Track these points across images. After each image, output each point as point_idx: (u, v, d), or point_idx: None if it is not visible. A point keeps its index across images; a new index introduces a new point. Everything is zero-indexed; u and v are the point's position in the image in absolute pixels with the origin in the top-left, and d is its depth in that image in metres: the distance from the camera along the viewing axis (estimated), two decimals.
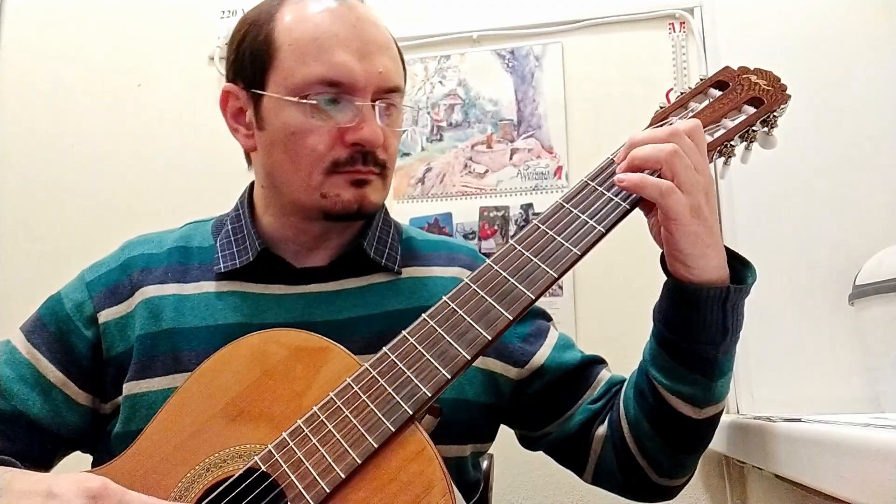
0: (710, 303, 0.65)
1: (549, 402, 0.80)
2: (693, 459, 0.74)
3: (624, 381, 0.78)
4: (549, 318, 0.87)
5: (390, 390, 0.58)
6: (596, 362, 0.82)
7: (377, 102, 0.75)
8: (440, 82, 1.52)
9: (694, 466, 0.75)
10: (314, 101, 0.73)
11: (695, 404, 0.68)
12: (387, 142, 0.76)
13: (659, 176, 0.63)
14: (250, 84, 0.77)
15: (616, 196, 0.64)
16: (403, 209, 1.48)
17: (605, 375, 0.81)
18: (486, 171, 1.47)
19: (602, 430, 0.77)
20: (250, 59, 0.76)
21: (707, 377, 0.67)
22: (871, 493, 0.49)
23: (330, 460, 0.56)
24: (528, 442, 0.85)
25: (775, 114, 0.69)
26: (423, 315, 0.62)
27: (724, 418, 0.83)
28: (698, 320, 0.65)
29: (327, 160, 0.73)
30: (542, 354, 0.80)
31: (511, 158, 1.47)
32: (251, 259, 0.78)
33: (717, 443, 0.96)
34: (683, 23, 1.43)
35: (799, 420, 0.73)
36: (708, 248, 0.64)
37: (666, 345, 0.69)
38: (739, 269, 0.68)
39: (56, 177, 1.65)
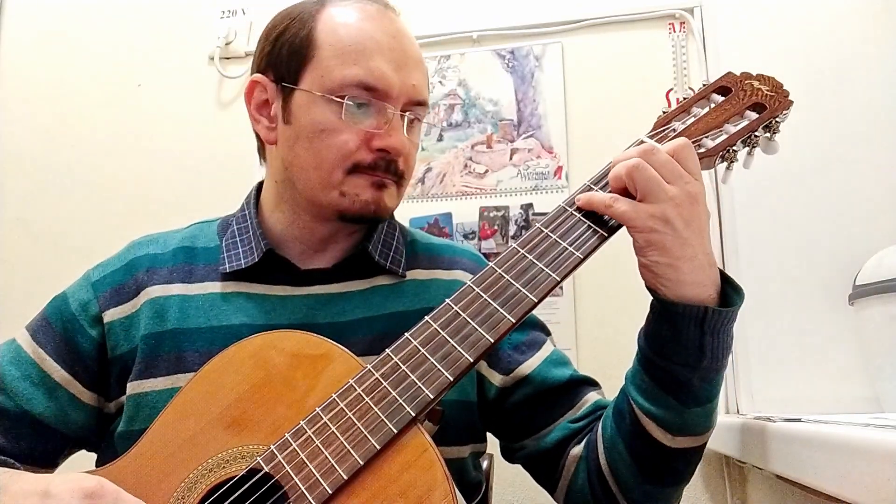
0: (686, 321, 0.62)
1: (528, 415, 0.79)
2: (666, 493, 0.70)
3: None
4: (547, 333, 0.85)
5: (393, 392, 0.59)
6: (586, 383, 0.80)
7: (406, 113, 0.76)
8: (440, 82, 1.53)
9: (669, 501, 0.72)
10: (350, 102, 0.73)
11: (667, 430, 0.66)
12: (407, 154, 0.77)
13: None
14: (283, 77, 0.77)
15: None
16: (403, 209, 1.45)
17: (592, 397, 0.79)
18: (486, 171, 1.48)
19: (578, 449, 0.75)
20: (288, 53, 0.77)
21: (680, 402, 0.64)
22: (871, 493, 0.49)
23: (332, 461, 0.57)
24: (507, 453, 0.83)
25: (777, 119, 0.69)
26: (426, 317, 0.62)
27: (724, 418, 0.83)
28: (673, 338, 0.64)
29: (350, 161, 0.74)
30: (530, 365, 0.79)
31: (511, 158, 1.47)
32: (256, 260, 0.78)
33: (717, 443, 0.96)
34: (683, 23, 1.43)
35: (799, 420, 0.73)
36: (678, 261, 0.62)
37: (644, 362, 0.67)
38: (731, 293, 0.66)
39: (56, 176, 1.65)
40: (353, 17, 0.77)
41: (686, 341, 0.63)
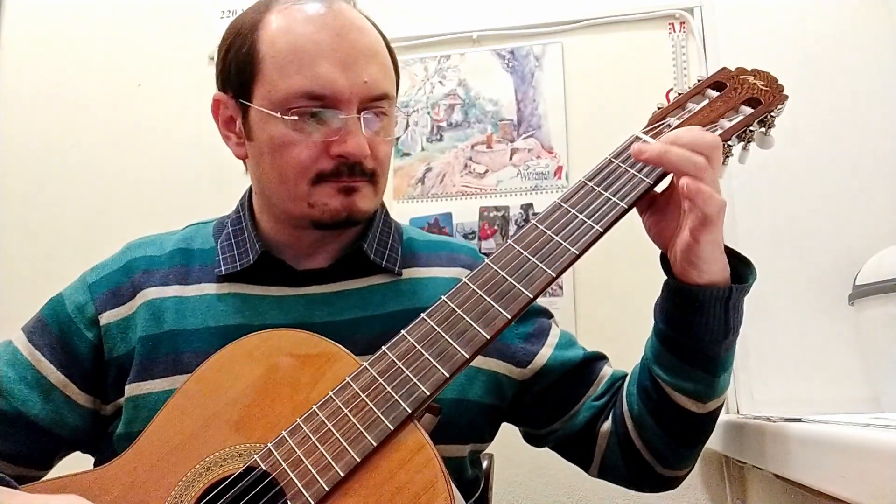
0: (714, 302, 0.65)
1: (553, 401, 0.80)
2: (696, 451, 0.75)
3: (625, 376, 0.79)
4: (550, 316, 0.87)
5: (389, 389, 0.58)
6: (597, 359, 0.83)
7: (363, 113, 0.73)
8: (440, 82, 1.52)
9: (697, 457, 0.76)
10: (295, 117, 0.72)
11: (698, 399, 0.69)
12: (375, 150, 0.75)
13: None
14: (238, 94, 0.76)
15: (613, 196, 0.65)
16: (403, 209, 1.48)
17: (607, 372, 0.82)
18: (486, 171, 1.47)
19: (606, 426, 0.77)
20: (236, 71, 0.75)
21: (710, 373, 0.68)
22: (871, 493, 0.49)
23: (329, 459, 0.56)
24: (534, 439, 0.85)
25: (772, 114, 0.70)
26: (422, 314, 0.62)
27: (724, 418, 0.84)
28: (702, 320, 0.66)
29: (312, 172, 0.73)
30: (545, 354, 0.81)
31: (511, 158, 1.47)
32: (251, 261, 0.78)
33: (717, 443, 0.96)
34: (683, 23, 1.43)
35: (799, 420, 0.73)
36: (721, 254, 0.66)
37: (669, 343, 0.69)
38: (740, 267, 0.69)
39: (56, 177, 1.65)
40: (292, 22, 0.73)
41: (714, 321, 0.66)
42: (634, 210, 0.66)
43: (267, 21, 0.74)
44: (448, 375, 0.58)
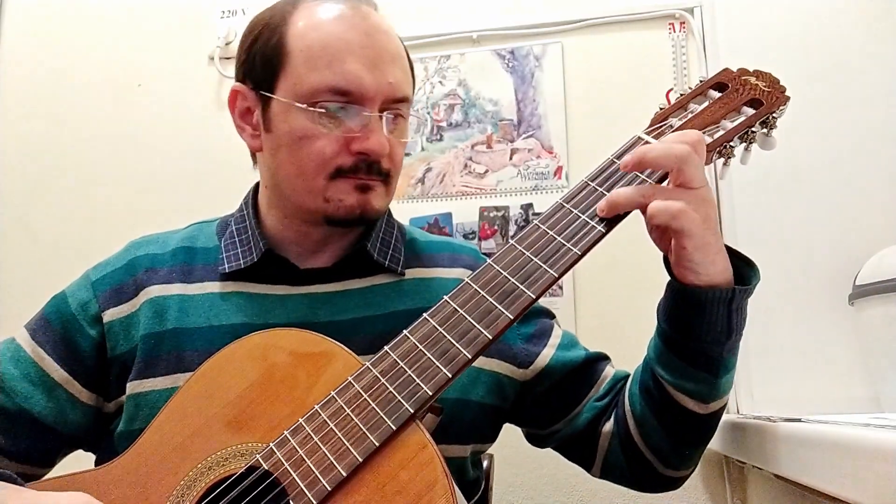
0: (716, 304, 0.65)
1: (555, 402, 0.81)
2: (699, 451, 0.75)
3: (627, 376, 0.80)
4: (552, 316, 0.87)
5: (391, 389, 0.58)
6: (599, 359, 0.83)
7: (385, 113, 0.75)
8: (440, 82, 1.52)
9: (699, 457, 0.76)
10: (322, 109, 0.73)
11: (700, 400, 0.69)
12: (392, 151, 0.76)
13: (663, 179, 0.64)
14: (259, 86, 0.77)
15: None
16: (403, 209, 1.48)
17: (609, 372, 0.82)
18: (486, 171, 1.48)
19: (609, 426, 0.78)
20: (261, 62, 0.76)
21: (712, 374, 0.68)
22: (871, 493, 0.49)
23: (331, 459, 0.56)
24: (537, 440, 0.85)
25: (774, 115, 0.70)
26: (424, 314, 0.62)
27: (724, 418, 0.84)
28: (704, 322, 0.66)
29: (331, 166, 0.74)
30: (547, 355, 0.81)
31: (511, 158, 1.47)
32: (255, 260, 0.78)
33: (717, 443, 0.96)
34: (683, 23, 1.43)
35: (799, 420, 0.73)
36: (716, 255, 0.64)
37: (671, 344, 0.69)
38: (742, 268, 0.68)
39: (56, 177, 1.65)
40: (322, 18, 0.75)
41: (716, 322, 0.66)
42: (637, 210, 0.66)
43: (297, 16, 0.76)
44: (450, 376, 0.58)
